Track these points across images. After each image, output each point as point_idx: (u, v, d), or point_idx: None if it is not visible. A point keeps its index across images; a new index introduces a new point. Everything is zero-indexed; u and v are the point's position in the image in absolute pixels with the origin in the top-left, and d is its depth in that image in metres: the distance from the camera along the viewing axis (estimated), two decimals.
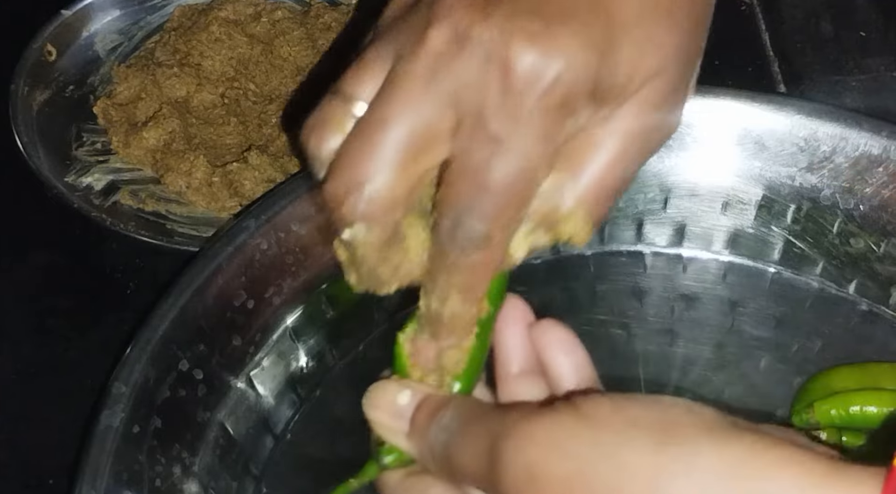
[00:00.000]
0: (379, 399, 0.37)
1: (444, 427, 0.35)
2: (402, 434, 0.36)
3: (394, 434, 0.36)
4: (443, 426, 0.35)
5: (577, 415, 0.31)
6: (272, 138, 0.64)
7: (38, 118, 0.64)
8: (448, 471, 0.35)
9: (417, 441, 0.36)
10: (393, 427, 0.36)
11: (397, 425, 0.36)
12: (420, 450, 0.36)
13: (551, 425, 0.31)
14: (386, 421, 0.37)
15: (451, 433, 0.34)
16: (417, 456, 0.36)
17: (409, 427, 0.36)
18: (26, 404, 0.54)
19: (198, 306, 0.48)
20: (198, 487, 0.47)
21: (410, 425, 0.36)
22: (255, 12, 0.69)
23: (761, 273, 0.58)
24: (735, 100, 0.56)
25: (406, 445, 0.36)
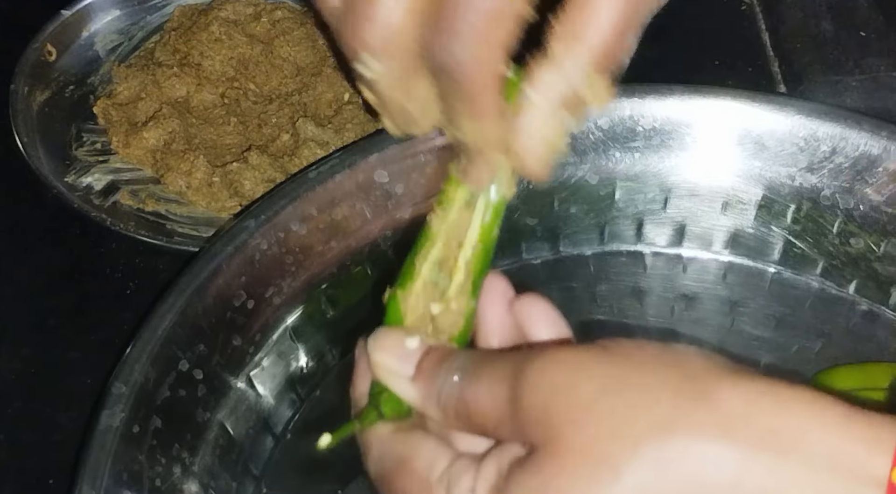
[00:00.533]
0: (386, 341, 0.37)
1: (456, 368, 0.34)
2: (407, 377, 0.36)
3: (397, 377, 0.36)
4: (455, 367, 0.34)
5: (600, 347, 0.32)
6: (272, 138, 0.64)
7: (38, 118, 0.64)
8: (456, 414, 0.34)
9: (423, 385, 0.35)
10: (398, 369, 0.36)
11: (403, 368, 0.36)
12: (424, 395, 0.35)
13: (578, 352, 0.32)
14: (391, 364, 0.36)
15: (463, 372, 0.34)
16: (420, 401, 0.35)
17: (414, 371, 0.36)
18: (26, 404, 0.53)
19: (198, 306, 0.48)
20: (198, 487, 0.47)
21: (417, 369, 0.36)
22: (255, 12, 0.69)
23: (761, 273, 0.58)
24: (735, 100, 0.56)
25: (409, 390, 0.36)
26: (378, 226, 0.54)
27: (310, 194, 0.52)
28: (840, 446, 0.28)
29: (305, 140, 0.63)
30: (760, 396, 0.29)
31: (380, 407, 0.37)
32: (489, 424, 0.33)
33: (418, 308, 0.38)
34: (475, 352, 0.36)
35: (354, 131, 0.64)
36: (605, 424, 0.30)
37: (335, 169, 0.53)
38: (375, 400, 0.37)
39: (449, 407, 0.34)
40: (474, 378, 0.34)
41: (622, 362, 0.31)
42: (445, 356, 0.36)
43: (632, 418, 0.29)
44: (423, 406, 0.36)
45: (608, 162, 0.57)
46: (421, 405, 0.36)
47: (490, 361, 0.34)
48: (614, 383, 0.30)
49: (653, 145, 0.57)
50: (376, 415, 0.37)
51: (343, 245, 0.53)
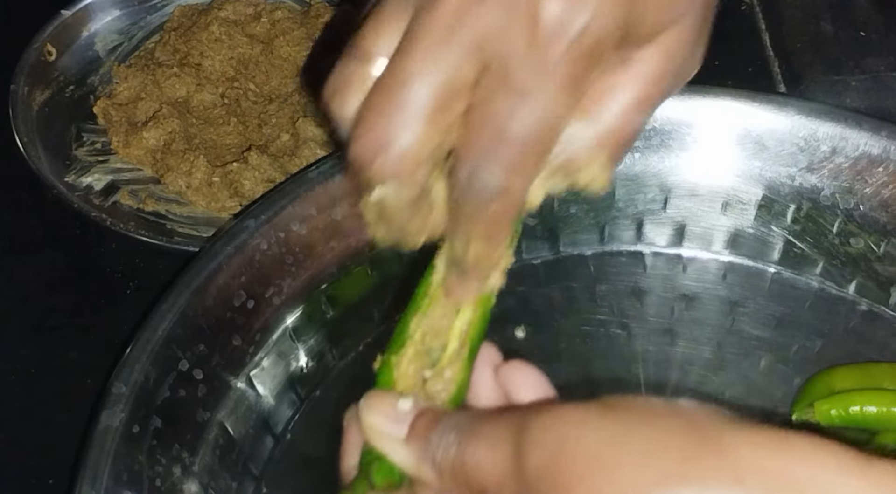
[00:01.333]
0: (378, 404, 0.36)
1: (452, 427, 0.33)
2: (400, 440, 0.35)
3: (390, 441, 0.35)
4: (450, 426, 0.33)
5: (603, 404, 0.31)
6: (272, 138, 0.64)
7: (38, 118, 0.64)
8: (454, 474, 0.33)
9: (417, 447, 0.34)
10: (390, 432, 0.35)
11: (395, 430, 0.35)
12: (419, 457, 0.34)
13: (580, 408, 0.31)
14: (384, 426, 0.35)
15: (460, 431, 0.33)
16: (414, 464, 0.34)
17: (408, 433, 0.35)
18: (26, 404, 0.53)
19: (198, 306, 0.48)
20: (198, 487, 0.47)
21: (410, 430, 0.35)
22: (255, 12, 0.69)
23: (761, 273, 0.58)
24: (735, 100, 0.56)
25: (402, 453, 0.35)
26: None
27: (310, 194, 0.52)
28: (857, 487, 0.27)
29: (305, 140, 0.63)
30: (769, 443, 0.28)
31: (371, 477, 0.35)
32: (490, 484, 0.32)
33: (410, 375, 0.37)
34: (471, 411, 0.35)
35: None
36: (613, 478, 0.29)
37: (335, 169, 0.53)
38: (366, 469, 0.36)
39: (446, 469, 0.33)
40: (473, 436, 0.32)
41: (626, 416, 0.30)
42: (440, 416, 0.34)
43: (641, 470, 0.28)
44: (417, 469, 0.34)
45: None
46: (415, 468, 0.34)
47: (489, 420, 0.33)
48: (620, 436, 0.29)
49: (653, 145, 0.57)
50: (367, 486, 0.36)
51: (343, 245, 0.53)
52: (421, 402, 0.36)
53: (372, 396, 0.36)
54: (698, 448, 0.28)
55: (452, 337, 0.37)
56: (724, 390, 0.53)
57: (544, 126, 0.34)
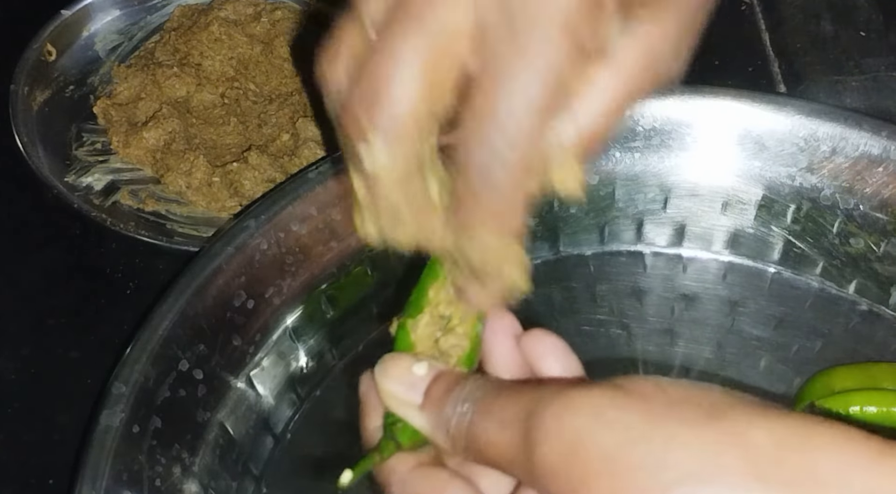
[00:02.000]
0: (393, 368, 0.35)
1: (465, 398, 0.33)
2: (415, 406, 0.34)
3: (406, 406, 0.35)
4: (464, 397, 0.33)
5: (619, 389, 0.30)
6: (272, 138, 0.64)
7: (38, 118, 0.64)
8: (466, 446, 0.33)
9: (432, 415, 0.34)
10: (406, 398, 0.35)
11: (411, 396, 0.35)
12: (434, 425, 0.34)
13: (594, 396, 0.30)
14: (399, 392, 0.35)
15: (474, 403, 0.33)
16: (430, 432, 0.34)
17: (423, 400, 0.34)
18: (26, 404, 0.53)
19: (198, 306, 0.48)
20: (198, 487, 0.47)
21: (425, 397, 0.34)
22: (255, 12, 0.69)
23: (761, 273, 0.58)
24: (735, 100, 0.56)
25: (418, 419, 0.34)
26: None
27: (310, 194, 0.52)
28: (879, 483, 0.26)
29: (305, 140, 0.63)
30: (791, 434, 0.27)
31: (396, 438, 0.35)
32: (501, 462, 0.31)
33: (426, 337, 0.37)
34: (485, 381, 0.34)
35: None
36: (630, 476, 0.28)
37: (335, 169, 0.53)
38: (391, 430, 0.35)
39: (459, 439, 0.33)
40: (486, 413, 0.32)
41: (642, 406, 0.29)
42: (454, 383, 0.34)
43: (659, 468, 0.27)
44: (432, 435, 0.34)
45: (608, 162, 0.57)
46: (431, 434, 0.34)
47: (501, 395, 0.32)
48: (636, 430, 0.28)
49: (653, 145, 0.57)
50: (394, 446, 0.35)
51: (343, 245, 0.53)
52: (436, 366, 0.35)
53: (387, 360, 0.36)
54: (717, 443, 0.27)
55: None
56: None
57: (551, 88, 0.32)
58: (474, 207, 0.33)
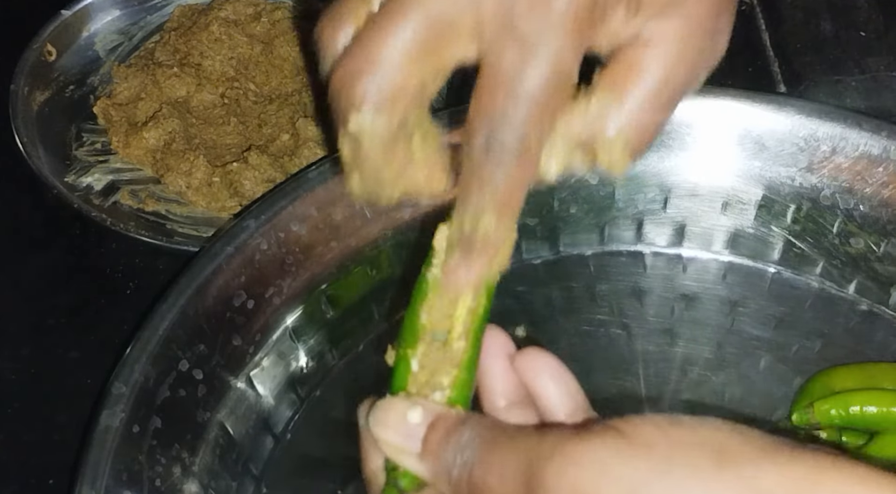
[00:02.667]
0: (387, 417, 0.35)
1: (464, 446, 0.32)
2: (415, 455, 0.34)
3: (405, 455, 0.34)
4: (463, 445, 0.32)
5: (621, 437, 0.29)
6: (272, 138, 0.64)
7: (38, 118, 0.64)
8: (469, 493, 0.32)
9: (432, 463, 0.33)
10: (404, 447, 0.34)
11: (409, 445, 0.34)
12: (435, 473, 0.33)
13: (596, 447, 0.29)
14: (396, 441, 0.34)
15: (473, 452, 0.32)
16: (432, 479, 0.33)
17: (421, 448, 0.34)
18: (26, 404, 0.53)
19: (198, 306, 0.48)
20: (198, 487, 0.47)
21: (424, 445, 0.34)
22: (255, 12, 0.69)
23: (761, 273, 0.58)
24: (735, 100, 0.56)
25: (418, 467, 0.34)
26: (378, 226, 0.54)
27: (310, 194, 0.52)
28: None
29: (305, 140, 0.63)
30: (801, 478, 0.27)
31: (398, 483, 0.35)
32: None
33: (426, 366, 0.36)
34: (483, 426, 0.33)
35: None
36: None
37: (335, 169, 0.53)
38: (392, 476, 0.35)
39: (461, 488, 0.32)
40: (485, 463, 0.31)
41: (646, 456, 0.28)
42: (452, 428, 0.33)
43: None
44: (435, 481, 0.33)
45: None
46: (433, 480, 0.34)
47: (500, 444, 0.31)
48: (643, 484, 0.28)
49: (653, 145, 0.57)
50: (396, 492, 0.35)
51: (343, 245, 0.53)
52: (431, 408, 0.34)
53: (380, 409, 0.35)
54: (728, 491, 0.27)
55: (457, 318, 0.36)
56: (724, 390, 0.53)
57: (555, 79, 0.33)
58: (475, 186, 0.34)
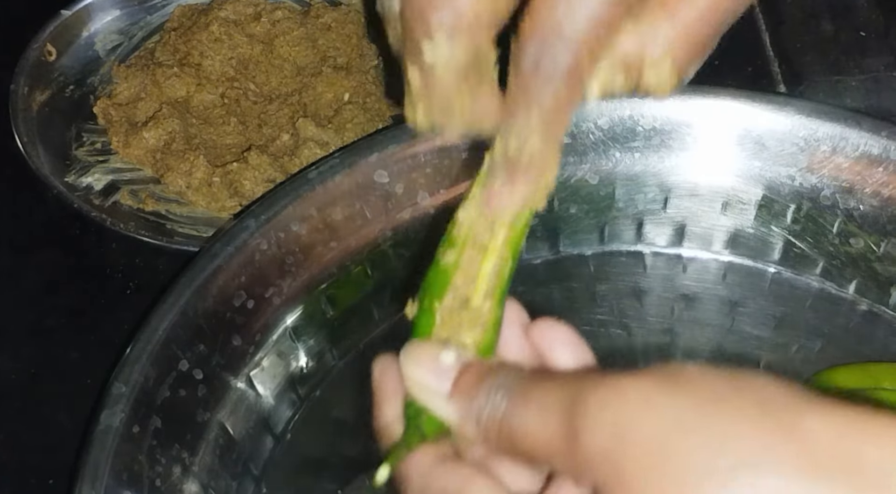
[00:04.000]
0: (420, 355, 0.34)
1: (499, 387, 0.32)
2: (443, 395, 0.33)
3: (433, 395, 0.34)
4: (497, 385, 0.32)
5: (666, 377, 0.29)
6: (272, 138, 0.64)
7: (38, 118, 0.64)
8: (500, 437, 0.32)
9: (462, 405, 0.33)
10: (434, 387, 0.34)
11: (439, 385, 0.33)
12: (464, 415, 0.33)
13: (642, 383, 0.28)
14: (427, 380, 0.34)
15: (508, 392, 0.31)
16: (458, 422, 0.33)
17: (452, 389, 0.33)
18: (26, 404, 0.53)
19: (198, 306, 0.48)
20: (198, 487, 0.47)
21: (454, 386, 0.33)
22: (255, 12, 0.69)
23: (761, 273, 0.58)
24: (735, 100, 0.56)
25: (446, 409, 0.33)
26: (378, 226, 0.54)
27: (310, 194, 0.52)
28: None
29: (305, 140, 0.63)
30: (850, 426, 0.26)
31: (422, 428, 0.34)
32: (539, 454, 0.30)
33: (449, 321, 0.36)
34: (519, 370, 0.33)
35: (354, 131, 0.64)
36: (682, 466, 0.27)
37: (335, 169, 0.53)
38: (415, 420, 0.34)
39: (491, 431, 0.32)
40: (522, 401, 0.31)
41: (692, 394, 0.28)
42: (486, 373, 0.33)
43: (712, 458, 0.27)
44: (461, 425, 0.33)
45: (608, 162, 0.57)
46: (459, 425, 0.33)
47: (539, 383, 0.31)
48: (688, 419, 0.27)
49: (653, 145, 0.57)
50: (420, 437, 0.34)
51: (343, 245, 0.53)
52: (464, 354, 0.34)
53: (413, 347, 0.35)
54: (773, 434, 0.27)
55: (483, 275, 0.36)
56: None
57: None
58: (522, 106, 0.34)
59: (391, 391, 0.36)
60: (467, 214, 0.36)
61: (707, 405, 0.28)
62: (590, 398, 0.29)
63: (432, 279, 0.36)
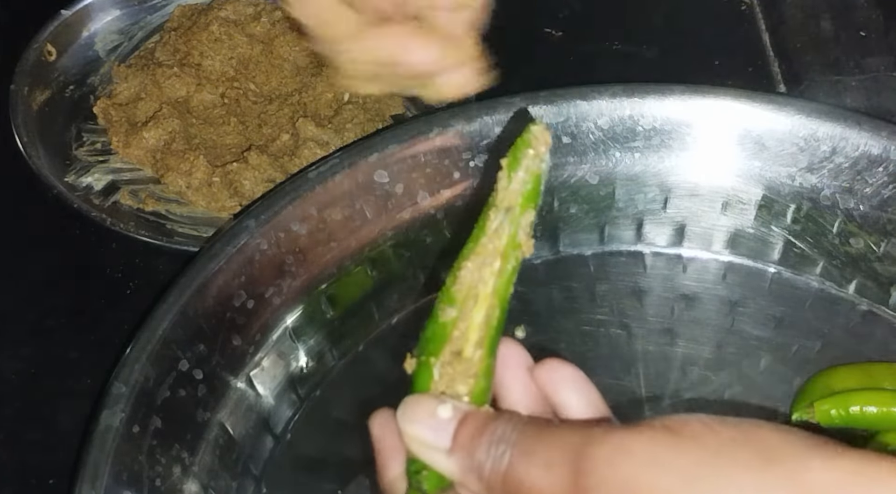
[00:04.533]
0: (417, 412, 0.34)
1: (500, 440, 0.32)
2: (443, 451, 0.33)
3: (433, 451, 0.33)
4: (497, 438, 0.32)
5: (670, 432, 0.29)
6: (272, 138, 0.64)
7: (38, 118, 0.64)
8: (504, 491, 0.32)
9: (462, 459, 0.33)
10: (433, 443, 0.33)
11: (438, 441, 0.33)
12: (465, 469, 0.33)
13: (647, 438, 0.29)
14: (425, 437, 0.34)
15: (511, 445, 0.32)
16: (461, 477, 0.33)
17: (452, 443, 0.33)
18: (26, 404, 0.53)
19: (198, 306, 0.48)
20: (198, 487, 0.47)
21: (454, 440, 0.33)
22: (255, 12, 0.69)
23: (761, 273, 0.58)
24: (735, 100, 0.56)
25: (446, 464, 0.33)
26: (378, 226, 0.54)
27: (310, 194, 0.52)
28: None
29: (305, 140, 0.63)
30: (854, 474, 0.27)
31: (422, 487, 0.34)
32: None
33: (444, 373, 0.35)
34: (519, 420, 0.33)
35: (354, 131, 0.64)
36: None
37: (335, 169, 0.53)
38: (416, 479, 0.34)
39: (495, 483, 0.32)
40: (526, 456, 0.31)
41: (696, 447, 0.28)
42: (485, 424, 0.33)
43: None
44: (463, 480, 0.33)
45: (608, 162, 0.57)
46: (461, 479, 0.33)
47: (542, 435, 0.31)
48: (692, 474, 0.28)
49: (653, 145, 0.57)
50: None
51: (343, 245, 0.53)
52: (461, 406, 0.34)
53: (409, 403, 0.34)
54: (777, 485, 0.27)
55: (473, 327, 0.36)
56: (724, 390, 0.53)
57: None
58: None
59: (392, 448, 0.36)
60: (468, 273, 0.36)
61: (711, 458, 0.28)
62: (596, 455, 0.29)
63: (431, 334, 0.36)
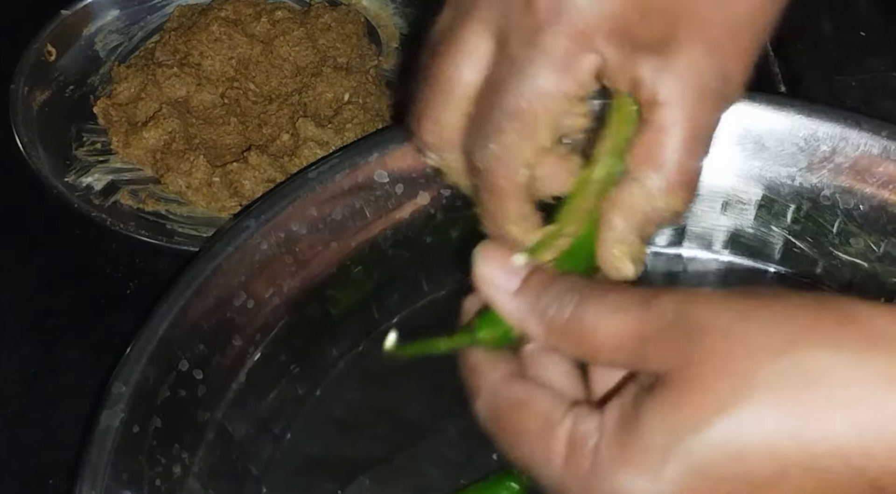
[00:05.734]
0: (493, 253, 0.36)
1: (569, 289, 0.33)
2: (510, 292, 0.35)
3: (499, 291, 0.35)
4: (567, 288, 0.33)
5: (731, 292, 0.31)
6: (272, 138, 0.64)
7: (38, 118, 0.64)
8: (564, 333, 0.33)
9: (526, 302, 0.34)
10: (502, 283, 0.35)
11: (507, 282, 0.35)
12: (527, 311, 0.34)
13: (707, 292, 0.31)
14: (496, 276, 0.35)
15: (582, 293, 0.33)
16: (520, 319, 0.34)
17: (520, 286, 0.34)
18: (26, 404, 0.54)
19: (198, 306, 0.48)
20: (198, 487, 0.47)
21: (522, 284, 0.34)
22: (255, 12, 0.69)
23: (761, 273, 0.58)
24: None
25: (510, 305, 0.34)
26: (378, 226, 0.54)
27: (310, 194, 0.52)
28: None
29: (305, 140, 0.63)
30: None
31: (475, 330, 0.35)
32: (605, 348, 0.32)
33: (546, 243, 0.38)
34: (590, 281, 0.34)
35: (354, 131, 0.64)
36: (741, 344, 0.29)
37: (335, 169, 0.53)
38: (472, 322, 0.36)
39: (557, 325, 0.33)
40: (597, 299, 0.32)
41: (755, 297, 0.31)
42: (555, 278, 0.34)
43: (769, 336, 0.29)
44: (522, 321, 0.34)
45: None
46: (520, 320, 0.34)
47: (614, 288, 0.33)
48: (751, 310, 0.30)
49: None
50: (470, 339, 0.35)
51: (343, 245, 0.53)
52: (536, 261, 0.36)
53: (486, 246, 0.36)
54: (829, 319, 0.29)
55: None
56: None
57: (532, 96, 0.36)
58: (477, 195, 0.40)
59: None
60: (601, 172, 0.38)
61: (769, 301, 0.30)
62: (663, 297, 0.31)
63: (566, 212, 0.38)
